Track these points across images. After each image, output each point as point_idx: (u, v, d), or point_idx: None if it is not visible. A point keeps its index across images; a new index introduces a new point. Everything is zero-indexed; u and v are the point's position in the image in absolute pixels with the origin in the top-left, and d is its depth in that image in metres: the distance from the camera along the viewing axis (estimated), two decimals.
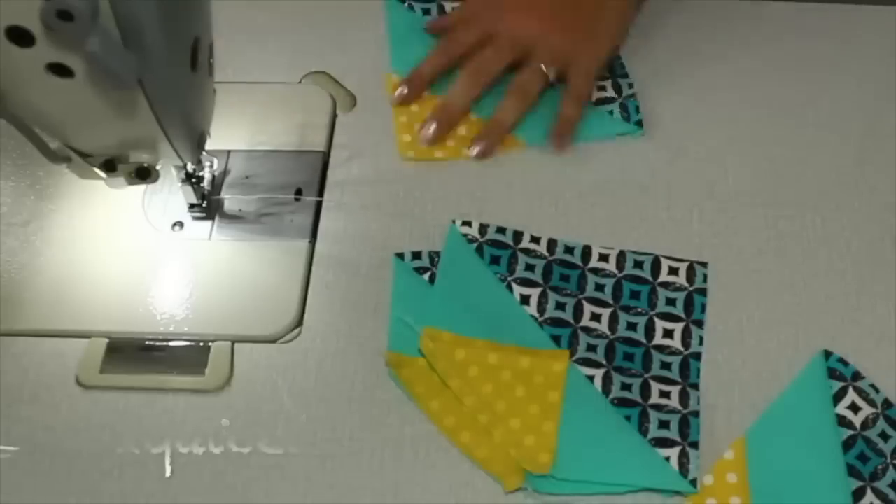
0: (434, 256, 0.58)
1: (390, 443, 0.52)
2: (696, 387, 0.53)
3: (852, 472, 0.50)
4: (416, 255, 0.58)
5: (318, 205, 0.61)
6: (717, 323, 0.56)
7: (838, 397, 0.52)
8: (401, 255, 0.58)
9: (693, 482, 0.50)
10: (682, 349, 0.55)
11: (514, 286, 0.57)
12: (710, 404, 0.53)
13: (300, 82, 0.67)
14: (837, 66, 0.67)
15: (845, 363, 0.54)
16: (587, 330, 0.55)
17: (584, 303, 0.56)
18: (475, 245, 0.58)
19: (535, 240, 0.59)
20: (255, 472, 0.51)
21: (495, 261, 0.58)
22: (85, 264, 0.58)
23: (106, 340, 0.56)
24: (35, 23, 0.40)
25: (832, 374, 0.53)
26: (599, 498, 0.50)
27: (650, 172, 0.62)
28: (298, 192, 0.61)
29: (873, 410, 0.52)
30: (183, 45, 0.47)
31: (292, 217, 0.60)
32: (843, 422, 0.52)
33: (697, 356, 0.55)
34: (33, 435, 0.53)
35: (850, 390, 0.53)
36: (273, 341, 0.56)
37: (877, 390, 0.53)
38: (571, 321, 0.55)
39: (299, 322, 0.56)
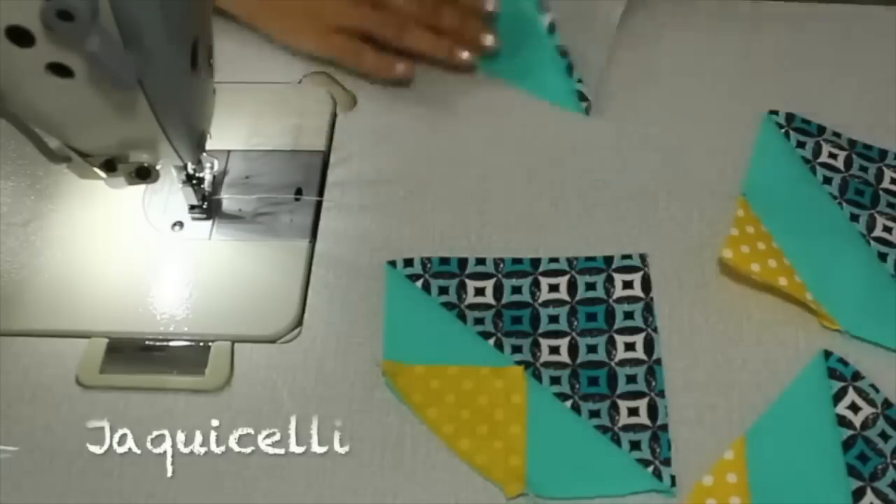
0: (426, 262, 0.58)
1: (390, 443, 0.52)
2: (662, 394, 0.53)
3: (852, 472, 0.50)
4: (409, 262, 0.58)
5: (318, 205, 0.61)
6: (717, 323, 0.56)
7: (838, 397, 0.52)
8: (392, 263, 0.58)
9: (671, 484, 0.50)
10: (645, 358, 0.54)
11: (468, 313, 0.56)
12: (710, 404, 0.53)
13: (300, 82, 0.67)
14: (837, 66, 0.67)
15: (845, 363, 0.54)
16: (547, 365, 0.54)
17: (540, 339, 0.55)
18: (420, 282, 0.57)
19: (481, 261, 0.58)
20: (254, 472, 0.51)
21: (443, 292, 0.57)
22: (85, 264, 0.58)
23: (106, 340, 0.56)
24: (35, 23, 0.40)
25: (832, 374, 0.53)
26: (601, 500, 0.50)
27: (651, 172, 0.62)
28: (298, 191, 0.61)
29: (873, 410, 0.52)
30: (183, 46, 0.47)
31: (292, 217, 0.60)
32: (843, 422, 0.52)
33: (660, 362, 0.54)
34: (33, 435, 0.53)
35: (850, 390, 0.53)
36: (273, 341, 0.56)
37: (877, 390, 0.53)
38: (531, 360, 0.55)
39: (299, 322, 0.56)
